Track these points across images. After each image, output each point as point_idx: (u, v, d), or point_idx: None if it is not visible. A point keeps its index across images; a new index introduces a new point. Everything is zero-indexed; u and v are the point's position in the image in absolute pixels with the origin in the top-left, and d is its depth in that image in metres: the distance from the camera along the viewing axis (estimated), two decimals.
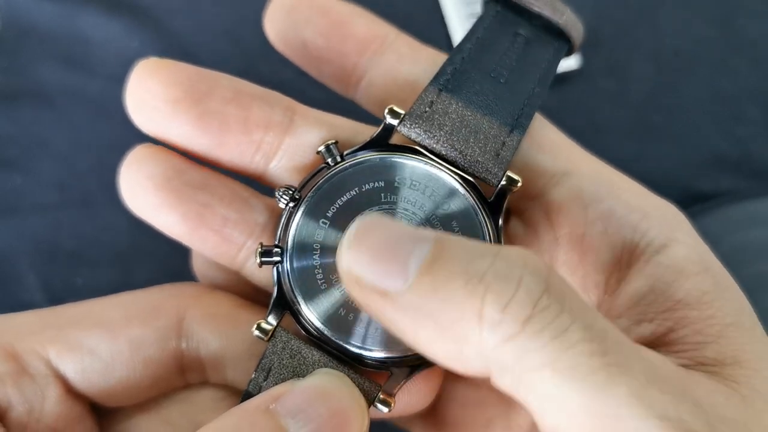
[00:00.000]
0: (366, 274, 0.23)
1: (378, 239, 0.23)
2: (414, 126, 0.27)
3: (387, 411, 0.26)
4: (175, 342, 0.29)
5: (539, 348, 0.21)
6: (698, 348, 0.24)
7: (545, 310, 0.21)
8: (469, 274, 0.22)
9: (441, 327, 0.22)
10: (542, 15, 0.29)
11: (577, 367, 0.20)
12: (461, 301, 0.21)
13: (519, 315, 0.21)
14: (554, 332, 0.21)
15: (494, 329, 0.21)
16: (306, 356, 0.27)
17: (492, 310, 0.21)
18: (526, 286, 0.21)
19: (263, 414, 0.24)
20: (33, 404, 0.27)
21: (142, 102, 0.28)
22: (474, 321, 0.21)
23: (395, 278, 0.22)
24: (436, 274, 0.22)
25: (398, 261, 0.22)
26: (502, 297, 0.21)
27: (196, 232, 0.28)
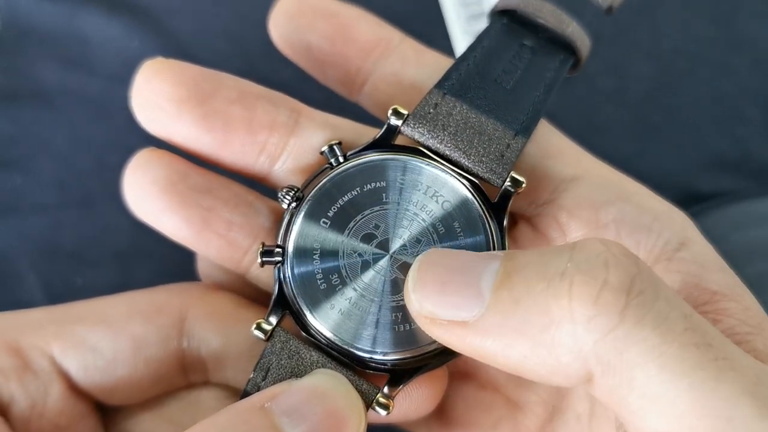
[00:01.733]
0: (439, 309, 0.22)
1: (442, 270, 0.22)
2: (417, 126, 0.27)
3: (385, 414, 0.26)
4: (177, 341, 0.29)
5: (642, 339, 0.19)
6: (748, 339, 0.23)
7: (641, 295, 0.20)
8: (549, 275, 0.20)
9: (531, 339, 0.21)
10: (548, 27, 0.29)
11: (686, 360, 0.19)
12: (547, 305, 0.20)
13: (614, 304, 0.20)
14: (656, 320, 0.19)
15: (590, 325, 0.20)
16: (304, 357, 0.26)
17: (583, 304, 0.20)
18: (615, 269, 0.20)
19: (257, 412, 0.24)
20: (36, 400, 0.27)
21: (147, 102, 0.28)
22: (566, 321, 0.20)
23: (470, 304, 0.21)
24: (513, 286, 0.21)
25: (469, 285, 0.21)
26: (592, 288, 0.20)
27: (201, 236, 0.28)
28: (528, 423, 0.30)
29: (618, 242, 0.21)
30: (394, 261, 0.27)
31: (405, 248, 0.27)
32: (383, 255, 0.27)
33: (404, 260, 0.27)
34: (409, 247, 0.27)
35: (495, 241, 0.27)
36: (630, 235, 0.27)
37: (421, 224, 0.27)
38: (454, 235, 0.27)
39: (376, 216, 0.27)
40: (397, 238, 0.27)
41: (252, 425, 0.23)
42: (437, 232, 0.27)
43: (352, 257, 0.27)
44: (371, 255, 0.27)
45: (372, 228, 0.27)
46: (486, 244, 0.27)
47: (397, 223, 0.27)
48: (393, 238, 0.27)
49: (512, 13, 0.30)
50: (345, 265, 0.27)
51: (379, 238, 0.27)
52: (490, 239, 0.27)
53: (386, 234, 0.27)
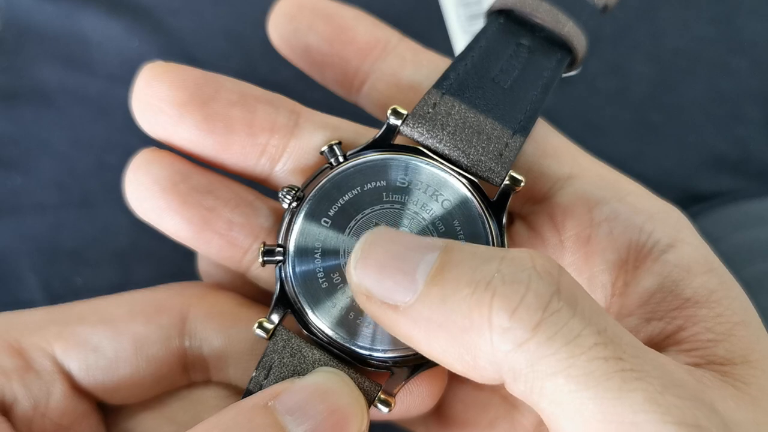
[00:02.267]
0: (375, 289, 0.23)
1: (385, 252, 0.23)
2: (417, 126, 0.27)
3: (387, 411, 0.26)
4: (179, 340, 0.29)
5: (551, 354, 0.20)
6: (709, 346, 0.24)
7: (556, 313, 0.21)
8: (476, 281, 0.21)
9: (452, 337, 0.22)
10: (544, 26, 0.29)
11: (592, 372, 0.20)
12: (469, 310, 0.21)
13: (529, 321, 0.21)
14: (566, 337, 0.20)
15: (504, 336, 0.21)
16: (306, 355, 0.27)
17: (500, 317, 0.21)
18: (535, 289, 0.21)
19: (261, 410, 0.24)
20: (38, 400, 0.27)
21: (147, 105, 0.28)
22: (484, 329, 0.21)
23: (404, 291, 0.22)
24: (443, 284, 0.22)
25: (406, 273, 0.22)
26: (510, 302, 0.21)
27: (202, 236, 0.29)
28: (524, 422, 0.30)
29: (547, 257, 0.22)
30: None
31: None
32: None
33: None
34: None
35: (494, 240, 0.27)
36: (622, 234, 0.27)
37: (421, 223, 0.27)
38: (453, 234, 0.27)
39: (376, 215, 0.27)
40: None
41: (256, 423, 0.23)
42: (437, 230, 0.27)
43: None
44: None
45: (373, 227, 0.27)
46: (485, 243, 0.27)
47: (397, 222, 0.27)
48: None
49: (509, 13, 0.30)
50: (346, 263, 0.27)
51: None
52: (490, 238, 0.27)
53: None
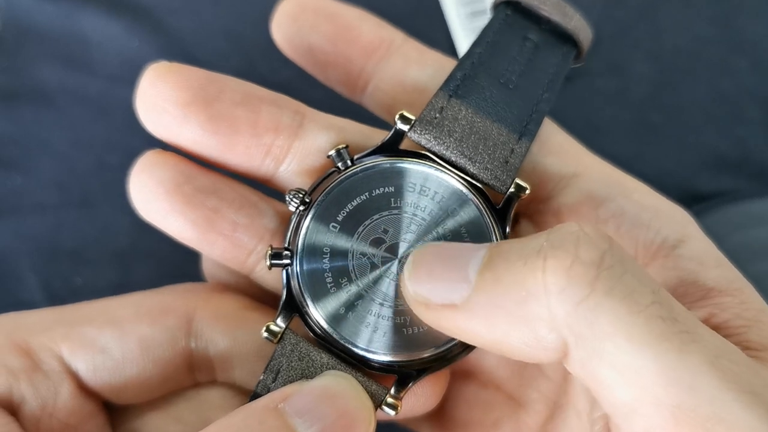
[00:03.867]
0: (432, 295, 0.23)
1: (435, 259, 0.23)
2: (424, 132, 0.27)
3: (394, 414, 0.27)
4: (185, 341, 0.29)
5: (611, 309, 0.20)
6: (742, 332, 0.24)
7: (610, 268, 0.21)
8: (526, 253, 0.22)
9: (511, 314, 0.22)
10: (551, 19, 0.29)
11: (652, 331, 0.20)
12: (524, 279, 0.21)
13: (585, 275, 0.21)
14: (623, 292, 0.20)
15: (562, 295, 0.21)
16: (314, 359, 0.27)
17: (555, 276, 0.21)
18: (586, 247, 0.21)
19: (271, 412, 0.24)
20: (46, 400, 0.28)
21: (152, 106, 0.28)
22: (540, 293, 0.21)
23: (459, 287, 0.22)
24: (495, 268, 0.22)
25: (458, 270, 0.23)
26: (564, 261, 0.21)
27: (206, 237, 0.29)
28: (529, 421, 0.30)
29: (593, 225, 0.22)
30: (402, 265, 0.27)
31: None
32: (392, 259, 0.27)
33: None
34: None
35: None
36: (629, 231, 0.27)
37: (429, 229, 0.27)
38: (460, 240, 0.27)
39: (384, 221, 0.27)
40: (406, 242, 0.27)
41: (266, 426, 0.23)
42: (444, 237, 0.27)
43: (361, 260, 0.27)
44: (380, 259, 0.27)
45: (381, 232, 0.27)
46: None
47: (405, 227, 0.27)
48: (401, 243, 0.27)
49: (516, 5, 0.30)
50: (354, 267, 0.27)
51: (387, 242, 0.27)
52: None
53: (395, 238, 0.27)
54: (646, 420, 0.20)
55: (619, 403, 0.21)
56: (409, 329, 0.27)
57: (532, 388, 0.30)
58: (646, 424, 0.21)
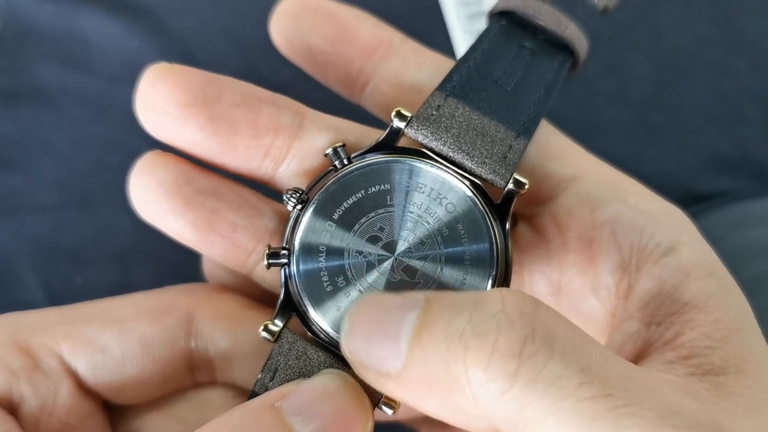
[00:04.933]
0: (367, 360, 0.23)
1: (369, 321, 0.23)
2: (421, 128, 0.27)
3: (391, 413, 0.26)
4: (185, 341, 0.29)
5: (537, 399, 0.20)
6: (706, 353, 0.24)
7: (532, 357, 0.20)
8: (450, 335, 0.21)
9: (441, 397, 0.21)
10: (547, 29, 0.29)
11: (582, 414, 0.19)
12: (448, 368, 0.21)
13: (505, 369, 0.20)
14: (548, 380, 0.20)
15: (484, 389, 0.20)
16: (312, 358, 0.27)
17: (475, 371, 0.20)
18: (506, 336, 0.20)
19: (268, 411, 0.24)
20: (45, 399, 0.28)
21: (151, 107, 0.28)
22: (464, 385, 0.21)
23: (393, 358, 0.22)
24: (424, 345, 0.22)
25: (391, 340, 0.22)
26: (483, 355, 0.20)
27: (206, 238, 0.29)
28: None
29: (520, 294, 0.22)
30: (398, 263, 0.27)
31: (410, 250, 0.27)
32: (388, 257, 0.27)
33: (409, 263, 0.27)
34: (413, 250, 0.27)
35: (498, 243, 0.27)
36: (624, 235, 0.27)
37: (426, 226, 0.27)
38: (457, 237, 0.27)
39: (380, 218, 0.27)
40: (402, 240, 0.27)
41: (264, 424, 0.23)
42: (441, 234, 0.27)
43: (357, 258, 0.27)
44: (376, 257, 0.27)
45: (377, 230, 0.27)
46: (489, 246, 0.27)
47: (401, 225, 0.27)
48: (398, 241, 0.27)
49: (511, 15, 0.30)
50: (350, 265, 0.27)
51: (384, 240, 0.27)
52: (493, 241, 0.27)
53: (391, 236, 0.27)
54: None
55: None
56: None
57: None
58: None
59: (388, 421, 0.29)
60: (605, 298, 0.27)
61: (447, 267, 0.27)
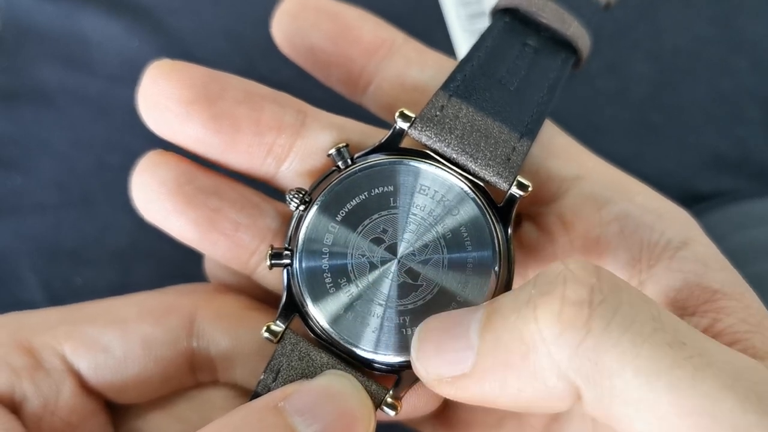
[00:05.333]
0: (442, 370, 0.23)
1: (436, 333, 0.23)
2: (425, 129, 0.27)
3: (394, 414, 0.26)
4: (187, 341, 0.29)
5: (612, 346, 0.20)
6: (747, 338, 0.23)
7: (602, 304, 0.20)
8: (518, 305, 0.21)
9: (517, 370, 0.21)
10: (550, 26, 0.29)
11: (660, 361, 0.19)
12: (520, 333, 0.21)
13: (577, 318, 0.20)
14: (622, 326, 0.20)
15: (559, 342, 0.20)
16: (314, 358, 0.27)
17: (548, 324, 0.20)
18: (574, 285, 0.21)
19: (271, 411, 0.24)
20: (48, 398, 0.28)
21: (154, 104, 0.28)
22: (539, 344, 0.21)
23: (465, 356, 0.22)
24: (494, 327, 0.22)
25: (460, 339, 0.23)
26: (553, 306, 0.20)
27: (208, 237, 0.29)
28: (533, 421, 0.30)
29: (580, 259, 0.22)
30: (401, 265, 0.27)
31: (413, 252, 0.27)
32: (391, 259, 0.27)
33: (411, 265, 0.27)
34: (416, 252, 0.27)
35: (500, 245, 0.27)
36: (633, 233, 0.27)
37: (429, 229, 0.27)
38: (460, 240, 0.27)
39: (384, 220, 0.27)
40: (405, 242, 0.27)
41: (266, 424, 0.23)
42: (444, 237, 0.27)
43: (360, 259, 0.27)
44: (379, 258, 0.27)
45: (380, 232, 0.27)
46: (492, 248, 0.27)
47: (404, 227, 0.27)
48: (401, 242, 0.27)
49: (514, 12, 0.30)
50: (353, 266, 0.27)
51: (387, 241, 0.27)
52: (496, 243, 0.27)
53: (394, 238, 0.27)
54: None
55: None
56: (410, 329, 0.27)
57: None
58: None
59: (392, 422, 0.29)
60: None
61: (449, 269, 0.27)
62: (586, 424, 0.29)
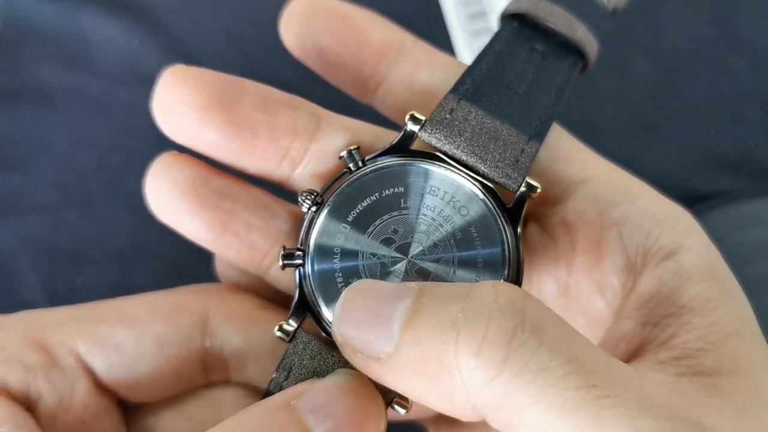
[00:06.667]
0: (358, 344, 0.23)
1: (361, 309, 0.23)
2: (435, 132, 0.27)
3: (404, 412, 0.27)
4: (199, 340, 0.30)
5: (523, 388, 0.20)
6: (698, 355, 0.24)
7: (521, 346, 0.21)
8: (443, 321, 0.22)
9: (429, 382, 0.22)
10: (557, 32, 0.30)
11: (566, 403, 0.20)
12: (439, 352, 0.21)
13: (494, 357, 0.21)
14: (535, 371, 0.20)
15: (472, 375, 0.21)
16: (326, 357, 0.27)
17: (466, 357, 0.21)
18: (497, 325, 0.21)
19: (284, 409, 0.24)
20: (62, 396, 0.28)
21: (170, 110, 0.28)
22: (453, 371, 0.21)
23: (384, 342, 0.23)
24: (416, 329, 0.22)
25: (383, 325, 0.23)
26: (474, 341, 0.21)
27: (221, 239, 0.29)
28: None
29: (513, 287, 0.22)
30: (412, 265, 0.27)
31: (423, 253, 0.27)
32: (402, 259, 0.27)
33: (422, 265, 0.27)
34: (426, 252, 0.27)
35: (510, 246, 0.27)
36: (630, 238, 0.27)
37: (439, 229, 0.27)
38: (470, 240, 0.27)
39: (394, 221, 0.27)
40: (416, 242, 0.27)
41: (278, 422, 0.24)
42: (454, 237, 0.27)
43: (371, 260, 0.27)
44: (390, 258, 0.27)
45: (391, 232, 0.27)
46: (501, 249, 0.27)
47: (415, 227, 0.27)
48: (411, 243, 0.27)
49: (522, 17, 0.30)
50: (364, 267, 0.27)
51: (397, 242, 0.27)
52: (505, 244, 0.27)
53: (405, 238, 0.27)
54: None
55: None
56: None
57: None
58: None
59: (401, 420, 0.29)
60: (611, 299, 0.27)
61: (459, 269, 0.27)
62: None
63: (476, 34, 0.50)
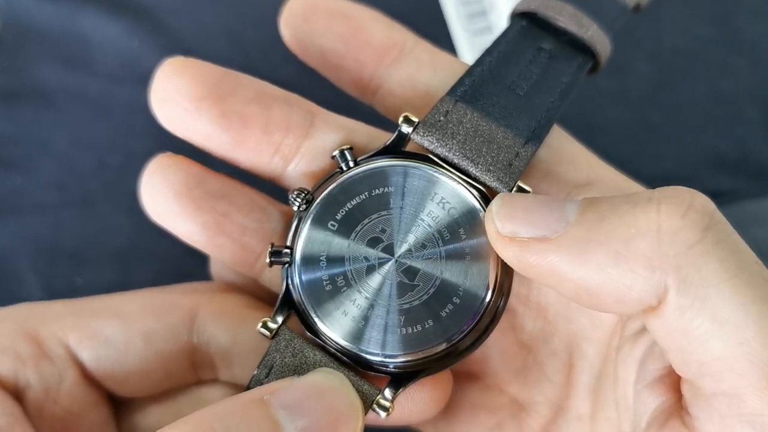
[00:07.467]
0: (520, 229, 0.23)
1: (528, 199, 0.24)
2: (427, 134, 0.27)
3: (385, 415, 0.26)
4: (187, 337, 0.30)
5: (720, 260, 0.21)
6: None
7: (721, 224, 0.22)
8: (635, 199, 0.22)
9: (613, 250, 0.22)
10: (567, 30, 0.29)
11: (756, 290, 0.20)
12: (634, 218, 0.22)
13: (699, 222, 0.21)
14: (732, 248, 0.21)
15: (675, 237, 0.21)
16: (308, 356, 0.27)
17: (670, 218, 0.22)
18: (700, 201, 0.22)
19: (257, 403, 0.24)
20: (50, 385, 0.28)
21: (166, 99, 0.28)
22: (652, 232, 0.22)
23: (554, 224, 0.23)
24: (599, 208, 0.23)
25: (553, 209, 0.23)
26: (680, 207, 0.22)
27: (215, 240, 0.29)
28: (532, 423, 0.30)
29: None
30: (399, 265, 0.27)
31: (410, 252, 0.27)
32: (388, 259, 0.27)
33: (409, 264, 0.27)
34: (413, 252, 0.27)
35: None
36: None
37: (427, 229, 0.27)
38: (458, 241, 0.27)
39: (382, 220, 0.27)
40: (403, 242, 0.27)
41: (249, 415, 0.24)
42: (442, 237, 0.27)
43: (358, 261, 0.27)
44: (377, 259, 0.27)
45: (378, 232, 0.27)
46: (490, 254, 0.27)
47: (402, 227, 0.27)
48: (398, 243, 0.27)
49: (532, 16, 0.30)
50: (351, 270, 0.27)
51: (384, 242, 0.27)
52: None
53: (392, 238, 0.27)
54: (738, 378, 0.20)
55: (710, 358, 0.21)
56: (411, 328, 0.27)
57: (536, 391, 0.30)
58: (736, 383, 0.20)
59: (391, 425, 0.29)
60: None
61: (448, 261, 0.27)
62: (584, 425, 0.29)
63: (477, 33, 0.50)
